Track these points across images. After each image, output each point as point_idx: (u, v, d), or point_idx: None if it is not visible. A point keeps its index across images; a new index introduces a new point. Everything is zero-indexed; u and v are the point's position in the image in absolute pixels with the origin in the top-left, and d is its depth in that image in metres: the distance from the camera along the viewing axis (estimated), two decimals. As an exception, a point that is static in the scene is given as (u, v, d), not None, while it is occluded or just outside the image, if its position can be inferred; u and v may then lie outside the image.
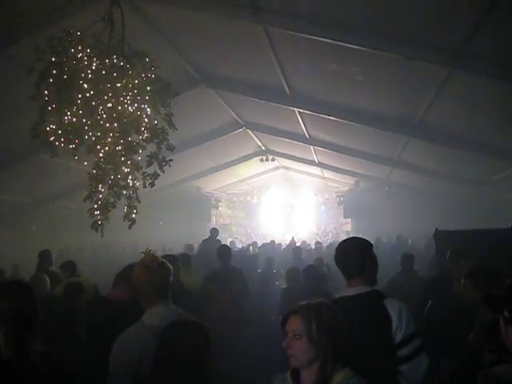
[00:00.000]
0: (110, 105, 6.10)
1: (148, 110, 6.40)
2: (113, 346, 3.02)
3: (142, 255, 3.22)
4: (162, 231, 18.67)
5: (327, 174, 21.00)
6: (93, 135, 6.17)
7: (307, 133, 14.27)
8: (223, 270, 7.16)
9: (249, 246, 16.36)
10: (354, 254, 3.16)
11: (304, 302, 2.47)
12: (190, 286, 5.63)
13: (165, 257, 5.13)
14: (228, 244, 15.45)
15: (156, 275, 3.10)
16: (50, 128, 5.96)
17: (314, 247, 16.08)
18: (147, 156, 6.43)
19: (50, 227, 15.20)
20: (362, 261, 3.12)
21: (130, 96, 6.26)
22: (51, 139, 5.95)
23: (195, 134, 14.68)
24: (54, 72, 5.84)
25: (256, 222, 26.55)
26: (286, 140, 15.53)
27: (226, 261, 7.28)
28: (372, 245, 3.27)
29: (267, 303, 7.38)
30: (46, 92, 5.82)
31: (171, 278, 3.18)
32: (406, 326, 2.90)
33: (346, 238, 3.57)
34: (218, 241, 11.81)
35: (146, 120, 6.38)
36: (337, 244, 3.42)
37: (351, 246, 3.24)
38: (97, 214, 6.16)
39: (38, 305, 2.87)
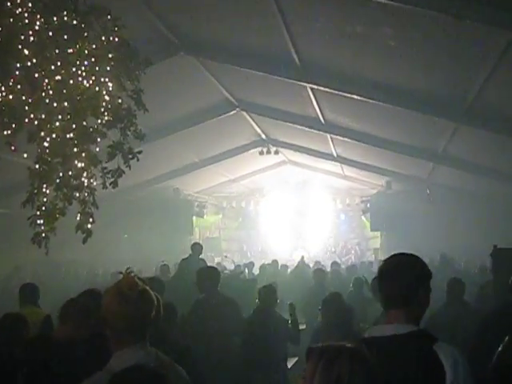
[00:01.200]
0: (58, 77, 6.08)
1: (109, 84, 6.39)
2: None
3: (112, 277, 3.20)
4: (127, 247, 18.63)
5: (349, 171, 20.99)
6: (35, 118, 6.14)
7: (322, 117, 14.27)
8: (208, 300, 7.13)
9: (243, 267, 16.29)
10: (404, 277, 3.06)
11: (323, 344, 2.50)
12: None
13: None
14: (215, 265, 15.36)
15: (133, 307, 3.06)
16: (-22, 108, 5.95)
17: (329, 270, 16.05)
18: (108, 146, 6.41)
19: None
20: (412, 289, 3.03)
21: (85, 66, 6.24)
22: (-21, 123, 5.94)
23: (173, 117, 14.66)
24: (-16, 33, 5.84)
25: (254, 235, 26.53)
26: (294, 126, 15.53)
27: (212, 288, 7.24)
28: (431, 273, 3.20)
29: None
30: (-27, 60, 5.81)
31: (153, 313, 3.16)
32: (464, 381, 2.80)
33: (378, 257, 3.50)
34: (202, 260, 11.77)
35: (106, 98, 6.37)
36: (362, 266, 3.40)
37: (403, 265, 3.14)
38: (40, 224, 6.13)
39: None
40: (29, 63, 6.00)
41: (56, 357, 4.06)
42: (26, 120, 6.13)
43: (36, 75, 6.04)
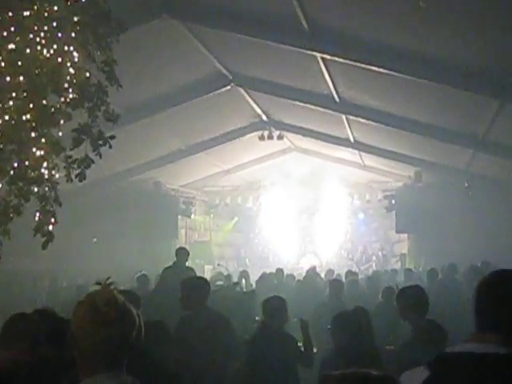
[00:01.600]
0: (12, 46, 6.07)
1: (75, 54, 6.38)
2: None
3: (78, 291, 3.19)
4: (97, 253, 18.63)
5: (369, 160, 21.02)
6: (-16, 95, 6.15)
7: (337, 93, 14.25)
8: (195, 318, 7.14)
9: (239, 277, 16.31)
10: None
11: (339, 372, 2.49)
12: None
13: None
14: (206, 276, 15.34)
15: (109, 328, 3.07)
16: None
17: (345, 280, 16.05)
18: (73, 130, 6.40)
19: None
20: None
21: (45, 32, 6.23)
22: None
23: (153, 94, 14.65)
24: None
25: (252, 238, 26.55)
26: (302, 105, 15.54)
27: (200, 304, 7.24)
28: None
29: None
30: None
31: (133, 334, 3.16)
32: None
33: (405, 265, 3.48)
34: (190, 269, 11.79)
35: (71, 71, 6.35)
36: (386, 275, 3.39)
37: None
38: (-10, 225, 6.14)
39: None
40: (-25, 29, 6.01)
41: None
42: (-27, 98, 6.14)
43: (-16, 43, 6.04)
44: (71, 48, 6.37)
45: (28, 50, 6.17)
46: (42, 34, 6.22)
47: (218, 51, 13.49)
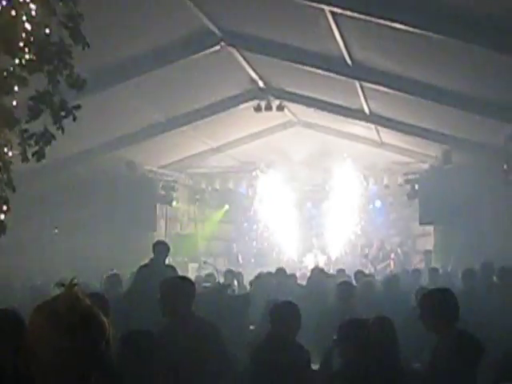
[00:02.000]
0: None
1: (32, 7, 6.36)
2: None
3: (33, 292, 3.20)
4: (59, 248, 18.63)
5: (387, 137, 21.05)
6: None
7: (349, 55, 14.23)
8: (178, 327, 7.16)
9: (229, 276, 16.36)
10: None
11: None
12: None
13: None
14: (190, 276, 15.41)
15: (73, 338, 3.07)
16: None
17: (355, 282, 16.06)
18: (30, 98, 6.40)
19: None
20: None
21: (-5, -21, 6.22)
22: None
23: (127, 55, 14.60)
24: None
25: (247, 230, 26.58)
26: (307, 69, 15.54)
27: (183, 310, 7.26)
28: None
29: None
30: None
31: (102, 345, 3.17)
32: None
33: (430, 264, 3.51)
34: (170, 268, 11.82)
35: (27, 27, 6.34)
36: (406, 276, 3.40)
37: None
38: None
39: None
40: None
41: None
42: None
43: None
44: (27, -1, 6.36)
45: (-26, 2, 6.16)
46: (-8, -18, 6.21)
47: (205, 3, 13.42)
